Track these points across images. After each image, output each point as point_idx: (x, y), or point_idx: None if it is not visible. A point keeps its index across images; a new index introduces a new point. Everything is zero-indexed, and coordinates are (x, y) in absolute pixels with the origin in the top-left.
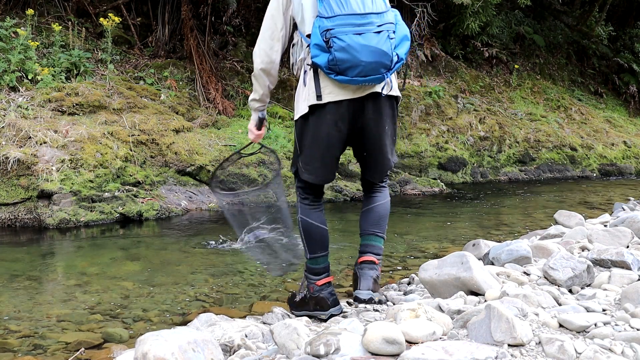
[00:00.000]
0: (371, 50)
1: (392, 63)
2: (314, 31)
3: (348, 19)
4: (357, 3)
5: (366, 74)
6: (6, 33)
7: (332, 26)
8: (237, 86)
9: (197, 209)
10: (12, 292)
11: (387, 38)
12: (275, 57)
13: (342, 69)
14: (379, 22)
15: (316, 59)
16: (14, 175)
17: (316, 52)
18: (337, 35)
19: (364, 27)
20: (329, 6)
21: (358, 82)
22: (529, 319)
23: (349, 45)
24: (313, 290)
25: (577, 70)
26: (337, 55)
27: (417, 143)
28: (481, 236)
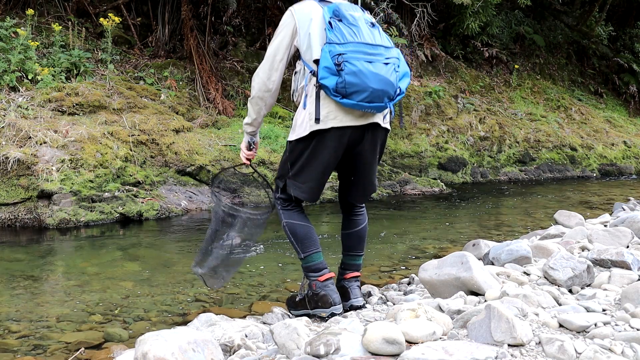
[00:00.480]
0: (380, 78)
1: (394, 94)
2: (323, 55)
3: (360, 46)
4: (368, 34)
5: (371, 101)
6: (6, 33)
7: (344, 51)
8: (237, 86)
9: (197, 209)
10: (12, 292)
11: (393, 70)
12: (272, 87)
13: (349, 93)
14: (387, 55)
15: (324, 80)
16: (14, 175)
17: (325, 75)
18: (349, 60)
19: (374, 56)
20: (340, 34)
21: (362, 108)
22: (529, 319)
23: (360, 71)
24: (316, 287)
25: (577, 70)
26: (347, 79)
27: (417, 143)
28: (481, 236)
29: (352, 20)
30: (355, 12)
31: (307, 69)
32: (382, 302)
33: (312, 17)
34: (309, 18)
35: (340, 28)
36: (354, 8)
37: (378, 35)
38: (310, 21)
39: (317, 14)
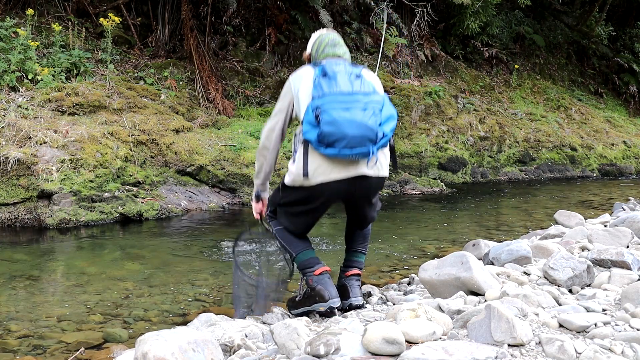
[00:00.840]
0: (356, 124)
1: (377, 137)
2: (306, 111)
3: (336, 96)
4: (346, 84)
5: (352, 146)
6: (6, 33)
7: (321, 103)
8: (237, 86)
9: (197, 209)
10: (12, 292)
11: (372, 114)
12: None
13: (330, 142)
14: (365, 100)
15: (307, 134)
16: (14, 175)
17: (307, 129)
18: (326, 110)
19: (350, 103)
20: (320, 88)
21: (345, 155)
22: (529, 319)
23: (335, 120)
24: (312, 282)
25: (577, 70)
26: (325, 129)
27: (417, 143)
28: (481, 236)
29: (332, 74)
30: (338, 66)
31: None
32: (382, 302)
33: (306, 80)
34: (303, 82)
35: (322, 83)
36: (337, 63)
37: (359, 84)
38: (304, 85)
39: (309, 77)
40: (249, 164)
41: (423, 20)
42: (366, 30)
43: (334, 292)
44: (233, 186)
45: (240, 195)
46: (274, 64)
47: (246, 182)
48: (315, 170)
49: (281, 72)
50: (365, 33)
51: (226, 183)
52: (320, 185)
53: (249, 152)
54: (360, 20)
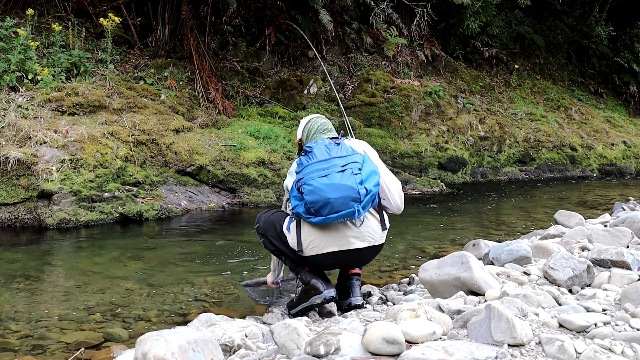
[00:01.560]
0: (336, 187)
1: (360, 195)
2: (292, 187)
3: (314, 166)
4: (322, 152)
5: (338, 210)
6: (6, 33)
7: (302, 176)
8: (237, 86)
9: (197, 209)
10: (12, 292)
11: (351, 174)
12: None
13: (316, 210)
14: (342, 163)
15: (296, 209)
16: (14, 175)
17: (295, 203)
18: (306, 181)
19: (327, 169)
20: (300, 163)
21: (333, 220)
22: (529, 319)
23: (315, 188)
24: (305, 277)
25: (577, 70)
26: (308, 199)
27: (417, 143)
28: (481, 236)
29: (309, 149)
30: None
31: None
32: (382, 302)
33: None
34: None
35: (302, 160)
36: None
37: (336, 150)
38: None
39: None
40: (249, 164)
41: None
42: (366, 30)
43: (329, 284)
44: (233, 186)
45: (240, 195)
46: (274, 64)
47: (246, 182)
48: (310, 244)
49: (281, 72)
50: (365, 33)
51: (226, 183)
52: (314, 256)
53: (249, 152)
54: (360, 20)
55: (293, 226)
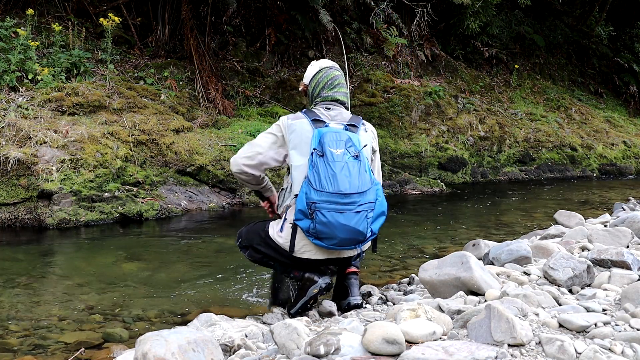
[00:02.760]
0: (348, 229)
1: (365, 237)
2: (300, 196)
3: (333, 197)
4: (344, 181)
5: (341, 245)
6: (6, 33)
7: (318, 200)
8: (237, 86)
9: (197, 209)
10: (12, 292)
11: (364, 218)
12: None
13: (321, 237)
14: (360, 202)
15: (299, 222)
16: (14, 175)
17: (300, 217)
18: (321, 210)
19: (346, 206)
20: (318, 178)
21: (331, 249)
22: (529, 319)
23: (329, 222)
24: (298, 274)
25: (577, 70)
26: (318, 227)
27: (417, 143)
28: (481, 236)
29: (331, 159)
30: (338, 148)
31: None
32: (382, 302)
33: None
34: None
35: (319, 168)
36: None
37: (356, 176)
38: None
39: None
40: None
41: (423, 20)
42: (366, 30)
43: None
44: (233, 186)
45: (240, 195)
46: (274, 64)
47: None
48: (302, 248)
49: (281, 72)
50: (365, 33)
51: (226, 183)
52: (305, 259)
53: None
54: (360, 20)
55: (287, 228)
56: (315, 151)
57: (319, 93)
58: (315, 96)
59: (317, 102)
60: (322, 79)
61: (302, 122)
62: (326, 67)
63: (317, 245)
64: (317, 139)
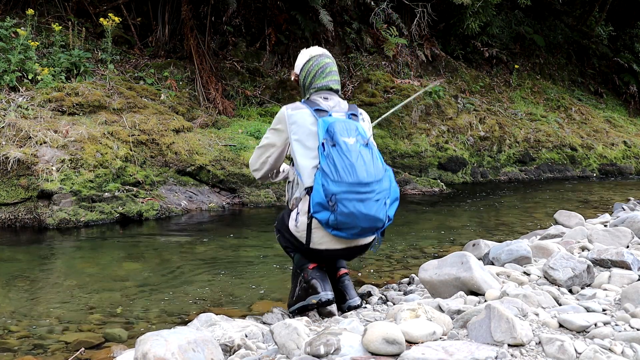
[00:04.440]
0: (370, 218)
1: (384, 225)
2: (316, 188)
3: (353, 187)
4: (362, 171)
5: (361, 234)
6: (6, 33)
7: (338, 192)
8: (237, 86)
9: (197, 209)
10: (12, 292)
11: (383, 205)
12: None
13: (340, 228)
14: (378, 190)
15: (317, 214)
16: (14, 175)
17: (318, 209)
18: (342, 201)
19: (366, 194)
20: (334, 168)
21: (351, 238)
22: (529, 319)
23: (352, 213)
24: (307, 276)
25: (577, 70)
26: (340, 218)
27: (417, 143)
28: (481, 236)
29: (345, 149)
30: (350, 137)
31: (302, 183)
32: (382, 302)
33: (304, 129)
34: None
35: (334, 158)
36: (348, 129)
37: (371, 163)
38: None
39: (310, 126)
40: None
41: (423, 20)
42: (366, 30)
43: (328, 286)
44: (233, 186)
45: (240, 195)
46: (274, 64)
47: (246, 182)
48: (320, 239)
49: (281, 72)
50: (365, 33)
51: (226, 183)
52: (322, 250)
53: (249, 152)
54: (360, 20)
55: (302, 221)
56: (326, 141)
57: (311, 82)
58: (307, 85)
59: (312, 92)
60: (313, 68)
61: (303, 112)
62: (316, 55)
63: (336, 236)
64: (324, 129)
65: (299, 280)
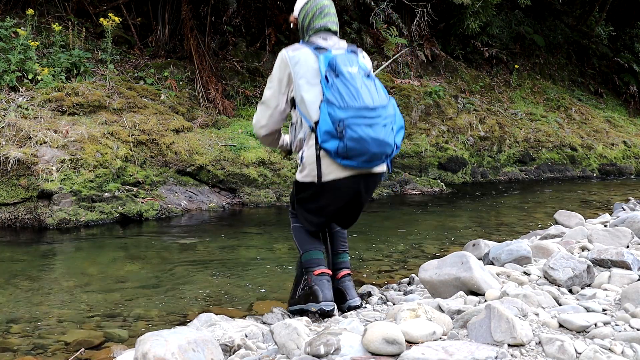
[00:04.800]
0: (379, 142)
1: (392, 151)
2: (323, 118)
3: (360, 112)
4: (367, 96)
5: (371, 160)
6: (6, 33)
7: (345, 117)
8: (237, 86)
9: (197, 209)
10: (12, 292)
11: (390, 130)
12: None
13: (350, 155)
14: (384, 115)
15: (325, 144)
16: (14, 175)
17: (326, 138)
18: (351, 126)
19: (374, 119)
20: (339, 96)
21: (362, 166)
22: (529, 319)
23: (361, 137)
24: (311, 281)
25: (577, 70)
26: (349, 144)
27: (417, 143)
28: (481, 236)
29: (349, 77)
30: (352, 66)
31: (306, 123)
32: (382, 302)
33: (307, 67)
34: (304, 68)
35: (338, 87)
36: (350, 61)
37: (375, 91)
38: (305, 71)
39: (312, 64)
40: (249, 164)
41: (423, 20)
42: (366, 30)
43: (329, 296)
44: (233, 186)
45: (240, 195)
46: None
47: (246, 182)
48: (327, 170)
49: None
50: (365, 33)
51: (226, 183)
52: (331, 181)
53: (249, 152)
54: (360, 20)
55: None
56: (329, 73)
57: (310, 23)
58: (306, 27)
59: (311, 34)
60: (312, 9)
61: (304, 51)
62: None
63: (345, 166)
64: (325, 63)
65: (303, 283)
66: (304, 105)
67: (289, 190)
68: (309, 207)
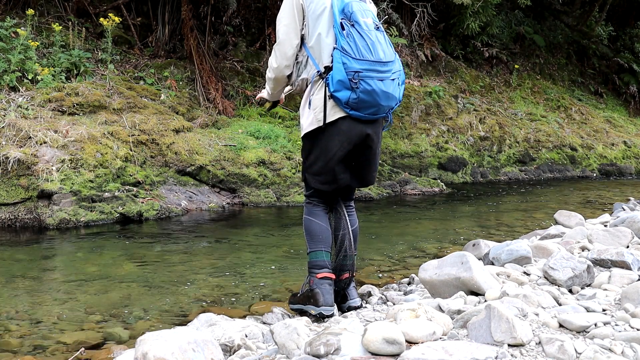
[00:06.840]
0: (388, 95)
1: (395, 105)
2: (337, 67)
3: (375, 65)
4: (380, 50)
5: (377, 113)
6: (6, 33)
7: (360, 69)
8: (237, 86)
9: (197, 209)
10: (12, 292)
11: (397, 85)
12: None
13: (359, 107)
14: (394, 70)
15: (338, 93)
16: (14, 175)
17: (339, 88)
18: (365, 78)
19: (385, 74)
20: (355, 46)
21: (368, 118)
22: (529, 319)
23: (373, 90)
24: (312, 284)
25: (577, 70)
26: (362, 96)
27: (417, 143)
28: (481, 236)
29: (365, 28)
30: (367, 17)
31: (314, 65)
32: (382, 302)
33: (320, 7)
34: (317, 7)
35: (354, 37)
36: (364, 11)
37: (385, 45)
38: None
39: (324, 6)
40: (249, 164)
41: (423, 20)
42: None
43: (330, 300)
44: (233, 186)
45: (240, 195)
46: None
47: (246, 182)
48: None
49: None
50: None
51: (226, 183)
52: (336, 121)
53: (249, 152)
54: None
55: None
56: (344, 20)
57: None
58: None
59: None
60: None
61: None
62: None
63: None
64: (340, 9)
65: (305, 282)
66: (317, 46)
67: (289, 190)
68: (318, 166)
